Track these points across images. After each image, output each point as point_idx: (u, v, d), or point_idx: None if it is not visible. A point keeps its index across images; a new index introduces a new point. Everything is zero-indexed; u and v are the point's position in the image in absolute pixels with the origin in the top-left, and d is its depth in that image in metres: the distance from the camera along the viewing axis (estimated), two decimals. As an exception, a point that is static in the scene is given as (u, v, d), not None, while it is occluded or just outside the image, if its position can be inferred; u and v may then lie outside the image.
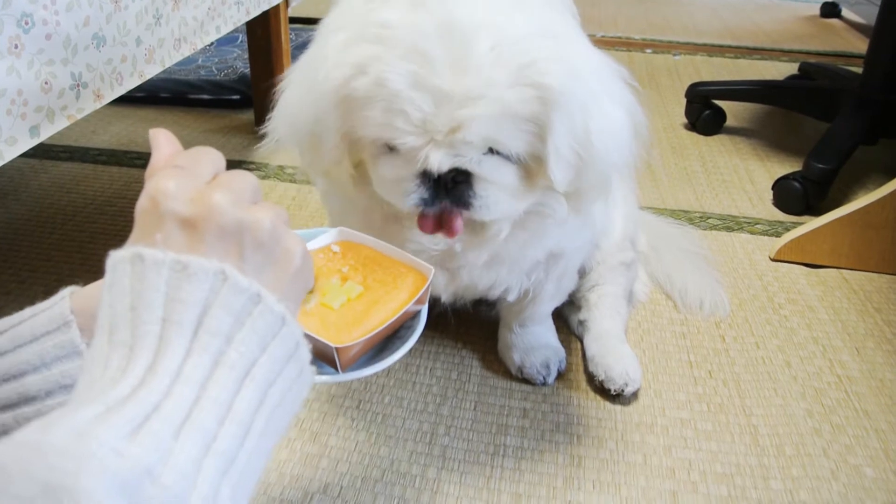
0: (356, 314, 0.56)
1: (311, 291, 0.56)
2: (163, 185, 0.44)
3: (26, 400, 0.52)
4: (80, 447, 0.33)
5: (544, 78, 0.67)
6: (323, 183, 0.90)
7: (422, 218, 0.76)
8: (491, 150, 0.71)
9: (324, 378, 0.53)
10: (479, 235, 0.82)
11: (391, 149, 0.72)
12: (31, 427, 0.34)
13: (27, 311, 0.55)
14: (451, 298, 0.96)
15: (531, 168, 0.74)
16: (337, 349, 0.52)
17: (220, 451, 0.37)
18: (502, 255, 0.87)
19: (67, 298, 0.55)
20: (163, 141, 0.53)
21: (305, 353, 0.44)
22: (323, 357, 0.53)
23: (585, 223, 0.96)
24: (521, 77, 0.67)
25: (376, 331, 0.55)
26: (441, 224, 0.76)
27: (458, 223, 0.75)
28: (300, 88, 0.78)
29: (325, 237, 0.64)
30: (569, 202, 0.81)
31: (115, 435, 0.34)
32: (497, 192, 0.73)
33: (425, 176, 0.71)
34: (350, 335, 0.54)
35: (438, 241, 0.82)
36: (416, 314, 0.61)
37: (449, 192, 0.72)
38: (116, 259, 0.43)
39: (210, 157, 0.50)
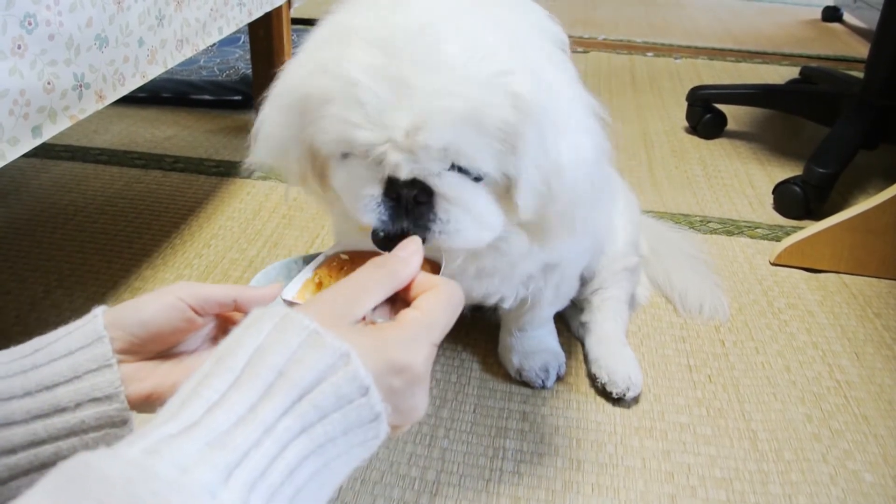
0: None
1: None
2: (421, 371, 0.48)
3: (57, 411, 0.53)
4: (184, 483, 0.35)
5: (519, 87, 0.63)
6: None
7: (375, 237, 0.69)
8: (454, 168, 0.65)
9: None
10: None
11: (347, 156, 0.68)
12: (135, 446, 0.36)
13: (62, 330, 0.57)
14: None
15: (498, 192, 0.69)
16: None
17: None
18: (489, 269, 0.83)
19: (100, 316, 0.57)
20: (419, 259, 0.58)
21: (379, 441, 0.46)
22: None
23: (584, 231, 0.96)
24: (494, 82, 0.62)
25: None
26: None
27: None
28: (274, 101, 0.75)
29: (331, 249, 0.66)
30: (530, 236, 0.76)
31: (214, 478, 0.36)
32: (460, 217, 0.66)
33: (386, 192, 0.65)
34: None
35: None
36: None
37: (409, 213, 0.66)
38: (269, 312, 0.45)
39: (452, 324, 0.54)
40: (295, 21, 1.83)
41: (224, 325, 0.65)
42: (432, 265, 0.63)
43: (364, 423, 0.44)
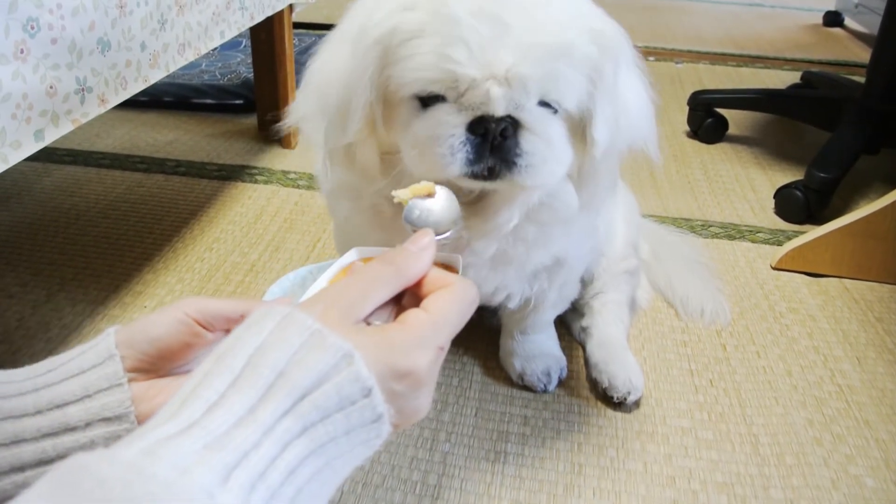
0: None
1: None
2: (425, 376, 0.47)
3: (66, 430, 0.53)
4: (182, 485, 0.35)
5: (599, 25, 0.70)
6: (331, 181, 0.86)
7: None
8: (541, 103, 0.68)
9: None
10: (489, 222, 0.78)
11: (429, 103, 0.68)
12: (133, 447, 0.36)
13: (76, 350, 0.57)
14: None
15: (573, 127, 0.73)
16: None
17: None
18: (510, 254, 0.84)
19: (112, 335, 0.57)
20: (431, 252, 0.55)
21: (381, 440, 0.46)
22: None
23: (589, 229, 0.96)
24: (578, 21, 0.69)
25: None
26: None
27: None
28: (333, 49, 0.75)
29: (347, 256, 0.64)
30: (580, 193, 0.79)
31: (212, 480, 0.36)
32: (544, 150, 0.68)
33: (471, 130, 0.66)
34: None
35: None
36: None
37: (494, 148, 0.67)
38: (272, 311, 0.45)
39: (463, 324, 0.52)
40: (297, 25, 1.83)
41: None
42: (449, 269, 0.61)
43: (366, 424, 0.44)
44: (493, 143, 0.67)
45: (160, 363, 0.58)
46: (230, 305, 0.60)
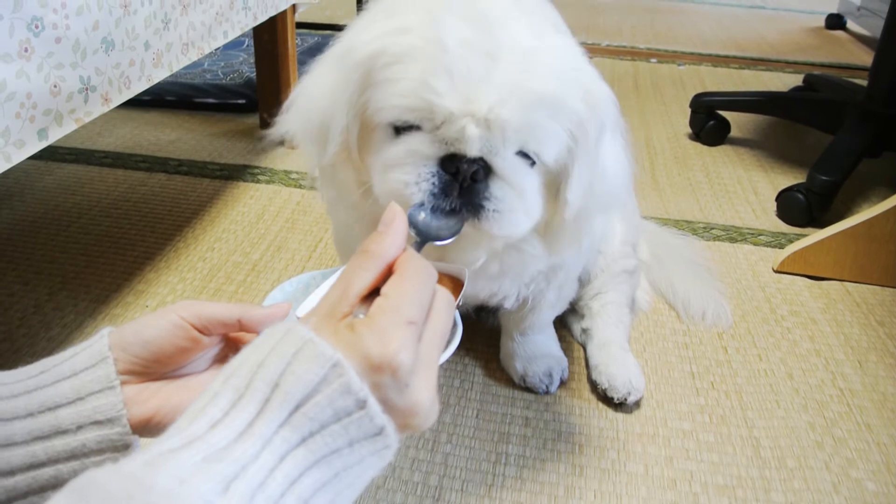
0: None
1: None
2: (401, 359, 0.45)
3: (58, 433, 0.53)
4: (182, 493, 0.36)
5: (590, 84, 0.68)
6: (329, 193, 0.85)
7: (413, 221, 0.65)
8: (519, 153, 0.66)
9: None
10: (457, 260, 0.76)
11: (404, 132, 0.66)
12: (137, 460, 0.37)
13: (69, 351, 0.56)
14: None
15: (549, 183, 0.71)
16: None
17: None
18: (505, 269, 0.84)
19: (106, 337, 0.56)
20: (401, 224, 0.52)
21: (391, 451, 0.45)
22: None
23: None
24: (570, 74, 0.66)
25: None
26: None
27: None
28: (321, 69, 0.74)
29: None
30: (544, 241, 0.79)
31: (211, 489, 0.37)
32: (514, 200, 0.67)
33: (443, 165, 0.64)
34: None
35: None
36: (453, 321, 0.61)
37: (463, 191, 0.65)
38: (278, 328, 0.45)
39: (428, 299, 0.50)
40: (300, 25, 1.84)
41: (234, 346, 0.63)
42: (454, 281, 0.60)
43: (369, 437, 0.43)
44: (463, 184, 0.65)
45: (153, 366, 0.58)
46: (226, 310, 0.59)
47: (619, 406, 1.02)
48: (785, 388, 1.08)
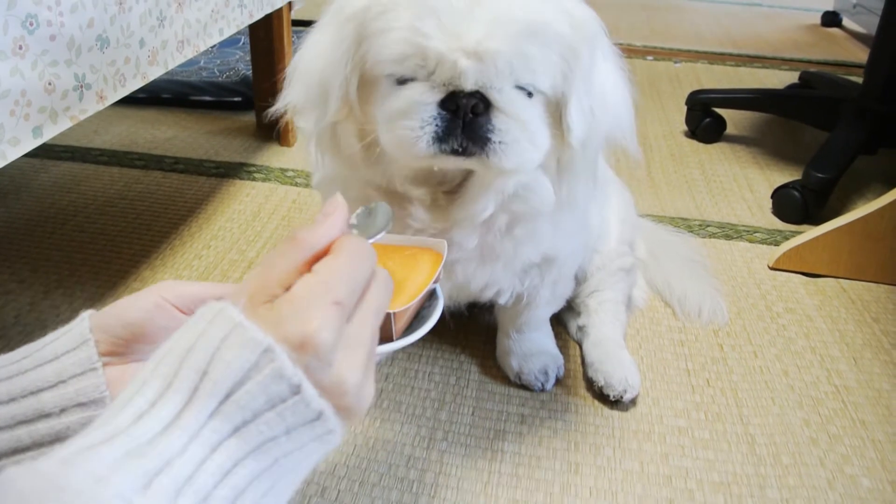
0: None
1: None
2: (321, 338, 0.43)
3: (41, 416, 0.53)
4: (97, 493, 0.34)
5: (572, 8, 0.70)
6: (321, 172, 0.86)
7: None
8: (516, 87, 0.69)
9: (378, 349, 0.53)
10: (465, 209, 0.79)
11: (404, 83, 0.69)
12: (54, 457, 0.36)
13: (49, 336, 0.56)
14: (445, 299, 0.96)
15: (552, 115, 0.73)
16: (394, 314, 0.54)
17: None
18: (497, 250, 0.85)
19: (87, 319, 0.56)
20: (340, 216, 0.52)
21: (337, 435, 0.44)
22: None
23: (579, 226, 0.96)
24: (553, 1, 0.69)
25: (419, 296, 0.57)
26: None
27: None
28: (316, 34, 0.76)
29: None
30: (559, 187, 0.79)
31: (130, 486, 0.35)
32: (517, 130, 0.68)
33: (443, 105, 0.67)
34: (392, 307, 0.54)
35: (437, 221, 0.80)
36: (433, 293, 0.62)
37: (466, 126, 0.67)
38: (209, 308, 0.43)
39: (364, 279, 0.48)
40: (295, 23, 1.83)
41: None
42: (434, 255, 0.62)
43: (307, 422, 0.42)
44: (465, 119, 0.67)
45: (135, 347, 0.57)
46: (208, 289, 0.59)
47: (615, 403, 1.03)
48: (780, 384, 1.09)
